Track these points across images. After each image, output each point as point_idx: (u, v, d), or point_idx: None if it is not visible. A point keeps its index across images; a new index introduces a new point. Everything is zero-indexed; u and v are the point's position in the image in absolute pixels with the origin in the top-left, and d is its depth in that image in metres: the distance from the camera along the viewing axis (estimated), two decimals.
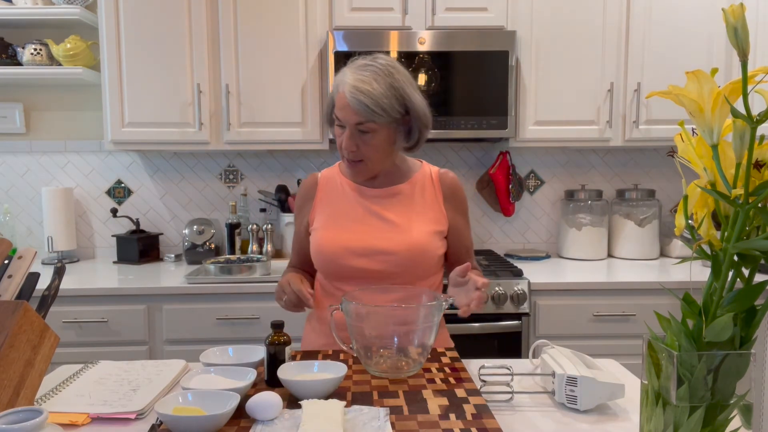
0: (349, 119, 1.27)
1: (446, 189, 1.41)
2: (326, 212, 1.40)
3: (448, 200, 1.40)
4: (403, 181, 1.41)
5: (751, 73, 0.63)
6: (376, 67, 1.27)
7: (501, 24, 2.38)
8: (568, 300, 2.18)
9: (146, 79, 2.35)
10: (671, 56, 2.41)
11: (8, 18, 2.43)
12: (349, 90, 1.24)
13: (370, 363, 1.13)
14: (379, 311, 1.13)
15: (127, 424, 0.98)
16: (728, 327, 0.65)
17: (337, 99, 1.28)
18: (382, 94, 1.24)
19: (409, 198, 1.39)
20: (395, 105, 1.27)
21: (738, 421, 0.67)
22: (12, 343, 0.92)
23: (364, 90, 1.23)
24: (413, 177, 1.41)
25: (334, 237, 1.35)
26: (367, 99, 1.23)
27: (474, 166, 2.80)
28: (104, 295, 2.12)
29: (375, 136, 1.29)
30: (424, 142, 1.39)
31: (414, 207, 1.38)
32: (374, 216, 1.36)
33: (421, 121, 1.33)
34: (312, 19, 2.35)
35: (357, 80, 1.25)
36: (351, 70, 1.28)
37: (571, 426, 0.96)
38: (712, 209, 0.70)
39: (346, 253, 1.33)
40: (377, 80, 1.25)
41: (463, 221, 1.43)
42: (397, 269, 1.32)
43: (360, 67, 1.28)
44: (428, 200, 1.39)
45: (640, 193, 2.62)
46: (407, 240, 1.32)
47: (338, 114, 1.28)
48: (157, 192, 2.76)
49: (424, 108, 1.33)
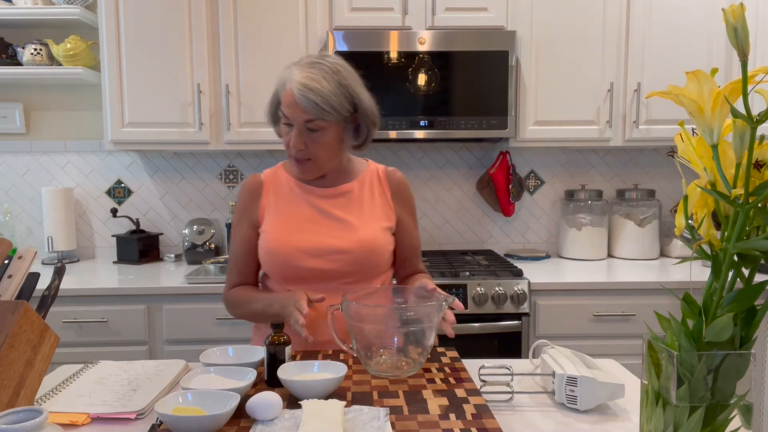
0: (297, 117, 1.25)
1: (393, 186, 1.42)
2: (275, 213, 1.37)
3: (395, 197, 1.42)
4: (351, 180, 1.41)
5: (751, 73, 0.63)
6: (324, 65, 1.26)
7: (501, 24, 2.38)
8: (568, 300, 2.18)
9: (146, 79, 2.35)
10: (671, 56, 2.41)
11: (8, 18, 2.43)
12: (298, 87, 1.22)
13: (370, 363, 1.13)
14: (379, 311, 1.13)
15: (127, 424, 0.98)
16: (728, 327, 0.65)
17: (284, 96, 1.27)
18: (331, 92, 1.24)
19: (359, 196, 1.39)
20: (344, 103, 1.27)
21: (738, 421, 0.67)
22: (12, 343, 0.92)
23: (313, 87, 1.22)
24: (361, 175, 1.42)
25: (287, 238, 1.33)
26: (317, 97, 1.22)
27: (474, 166, 2.80)
28: (104, 295, 2.12)
29: (324, 134, 1.28)
30: (371, 141, 1.39)
31: (363, 205, 1.38)
32: (325, 215, 1.36)
33: (369, 119, 1.33)
34: (312, 19, 2.35)
35: (306, 78, 1.23)
36: (298, 68, 1.26)
37: (571, 426, 0.96)
38: (712, 209, 0.70)
39: (300, 253, 1.32)
40: (326, 78, 1.24)
41: (410, 219, 1.45)
42: (351, 268, 1.33)
43: (308, 64, 1.27)
44: (377, 197, 1.40)
45: (640, 193, 2.62)
46: (360, 237, 1.33)
47: (286, 112, 1.27)
48: (157, 192, 2.76)
49: (372, 106, 1.33)
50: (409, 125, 2.31)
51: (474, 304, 2.15)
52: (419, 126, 2.31)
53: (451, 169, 2.79)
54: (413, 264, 1.48)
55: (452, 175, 2.79)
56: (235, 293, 1.41)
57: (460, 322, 2.13)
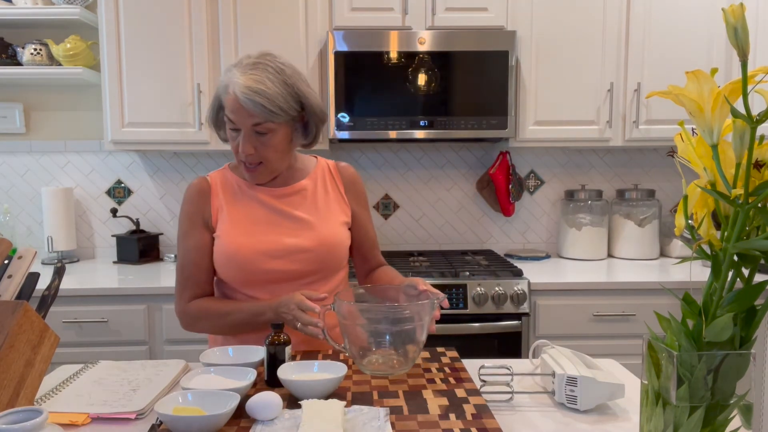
0: (244, 122, 1.21)
1: (346, 181, 1.42)
2: (228, 216, 1.32)
3: (349, 191, 1.42)
4: (302, 178, 1.39)
5: (751, 73, 0.63)
6: (267, 66, 1.22)
7: (501, 24, 2.38)
8: (568, 300, 2.18)
9: (146, 79, 2.35)
10: (671, 56, 2.41)
11: (8, 18, 2.43)
12: (242, 91, 1.18)
13: (363, 362, 1.13)
14: (372, 310, 1.13)
15: (127, 424, 0.98)
16: (728, 327, 0.65)
17: (228, 101, 1.22)
18: (277, 93, 1.20)
19: (313, 193, 1.38)
20: (291, 102, 1.23)
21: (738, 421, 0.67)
22: (12, 343, 0.92)
23: (258, 90, 1.18)
24: (312, 172, 1.40)
25: (245, 241, 1.29)
26: (263, 99, 1.18)
27: (474, 166, 2.80)
28: (104, 295, 2.12)
29: (273, 136, 1.24)
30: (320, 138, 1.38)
31: (318, 201, 1.37)
32: (282, 215, 1.33)
33: (317, 116, 1.31)
34: (312, 19, 2.35)
35: (249, 80, 1.19)
36: (240, 70, 1.21)
37: (571, 426, 0.96)
38: (712, 209, 0.70)
39: (261, 256, 1.28)
40: (270, 79, 1.20)
41: (365, 212, 1.45)
42: (313, 266, 1.32)
43: (249, 66, 1.22)
44: (331, 193, 1.39)
45: (640, 193, 2.62)
46: (320, 235, 1.32)
47: (231, 117, 1.22)
48: (157, 192, 2.76)
49: (320, 103, 1.31)
50: (409, 125, 2.31)
51: (474, 304, 2.15)
52: (419, 126, 2.31)
53: (451, 169, 2.79)
54: (374, 256, 1.47)
55: (452, 175, 2.79)
56: (198, 306, 1.32)
57: (460, 322, 2.14)
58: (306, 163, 1.43)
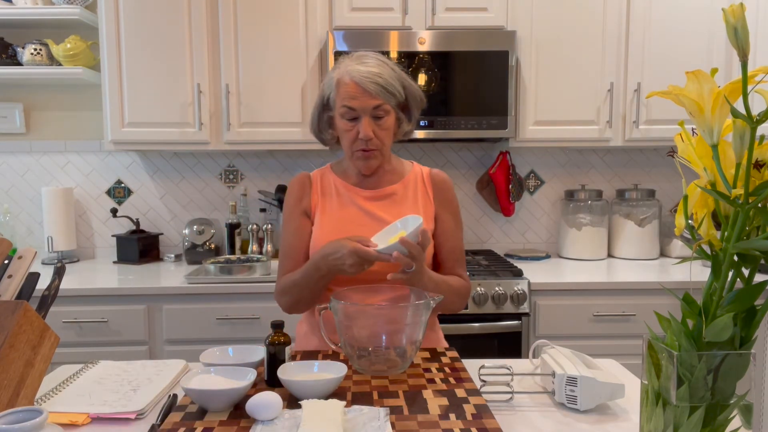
0: (366, 104, 1.29)
1: (436, 187, 1.43)
2: (323, 213, 1.39)
3: (436, 197, 1.42)
4: (396, 181, 1.42)
5: (751, 73, 0.63)
6: (373, 56, 1.33)
7: (501, 24, 2.38)
8: (568, 300, 2.18)
9: (146, 79, 2.35)
10: (671, 56, 2.41)
11: (8, 18, 2.43)
12: (364, 75, 1.27)
13: (360, 362, 1.13)
14: (368, 310, 1.13)
15: (127, 424, 0.98)
16: (728, 327, 0.65)
17: (345, 91, 1.29)
18: (390, 77, 1.30)
19: (402, 198, 1.40)
20: (398, 88, 1.32)
21: (738, 421, 0.67)
22: (12, 343, 0.92)
23: (377, 73, 1.28)
24: (406, 177, 1.43)
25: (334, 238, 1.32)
26: (383, 81, 1.28)
27: (474, 166, 2.80)
28: (104, 295, 2.12)
29: (387, 119, 1.32)
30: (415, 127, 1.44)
31: (407, 207, 1.39)
32: (371, 217, 1.37)
33: (417, 102, 1.38)
34: (312, 19, 2.35)
35: (367, 66, 1.29)
36: (353, 61, 1.32)
37: (571, 426, 0.96)
38: (712, 209, 0.70)
39: None
40: (379, 66, 1.30)
41: (451, 220, 1.43)
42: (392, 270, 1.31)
43: (358, 58, 1.33)
44: (420, 199, 1.41)
45: (640, 193, 2.62)
46: None
47: (351, 104, 1.29)
48: (157, 192, 2.76)
49: (419, 89, 1.39)
50: None
51: (474, 304, 2.15)
52: (419, 126, 2.31)
53: (451, 169, 2.79)
54: (450, 267, 1.42)
55: (452, 175, 2.79)
56: (285, 278, 1.39)
57: (461, 322, 2.14)
58: (403, 167, 1.46)
